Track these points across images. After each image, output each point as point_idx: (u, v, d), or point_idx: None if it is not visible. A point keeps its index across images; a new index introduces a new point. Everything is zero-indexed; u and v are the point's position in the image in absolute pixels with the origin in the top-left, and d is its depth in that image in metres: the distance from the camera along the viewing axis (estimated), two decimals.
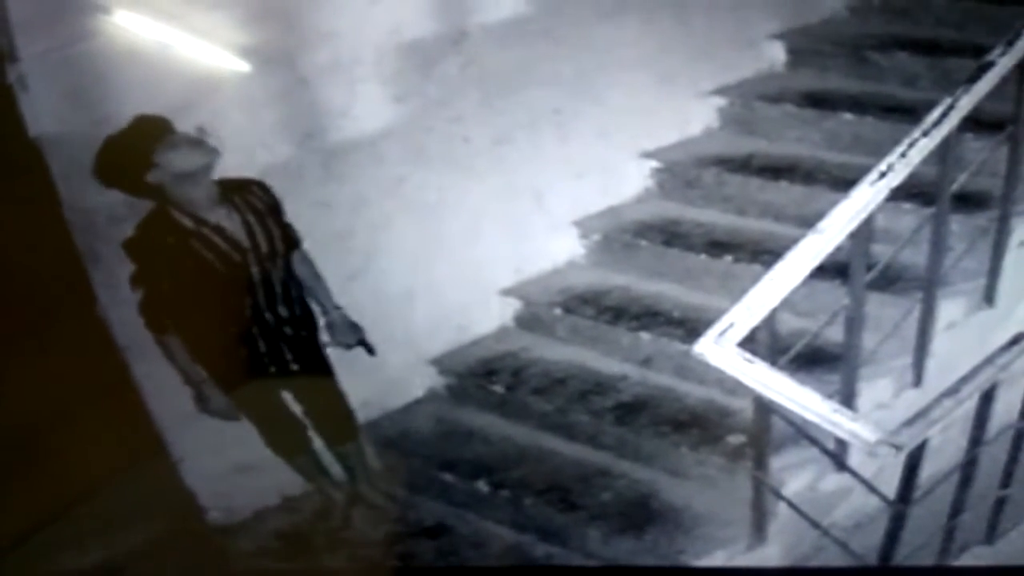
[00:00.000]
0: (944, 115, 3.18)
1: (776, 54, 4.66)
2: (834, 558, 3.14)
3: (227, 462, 3.39)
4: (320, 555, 3.45)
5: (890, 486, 2.91)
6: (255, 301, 3.15)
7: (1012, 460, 3.30)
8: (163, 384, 3.15)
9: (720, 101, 4.56)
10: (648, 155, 4.41)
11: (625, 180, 4.40)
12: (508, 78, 3.94)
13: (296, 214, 3.38)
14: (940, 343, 3.57)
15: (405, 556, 3.48)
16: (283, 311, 3.21)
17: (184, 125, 3.03)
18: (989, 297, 3.69)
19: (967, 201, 3.64)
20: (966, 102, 3.21)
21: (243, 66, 3.30)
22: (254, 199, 3.14)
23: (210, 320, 3.11)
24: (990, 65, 3.24)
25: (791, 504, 3.19)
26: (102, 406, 2.97)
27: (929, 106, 3.25)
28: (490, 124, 3.96)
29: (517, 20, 3.92)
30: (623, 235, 4.20)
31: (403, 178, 3.77)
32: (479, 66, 3.86)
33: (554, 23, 4.00)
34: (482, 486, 3.57)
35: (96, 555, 2.88)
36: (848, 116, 4.29)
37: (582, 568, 3.33)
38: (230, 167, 3.12)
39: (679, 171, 4.36)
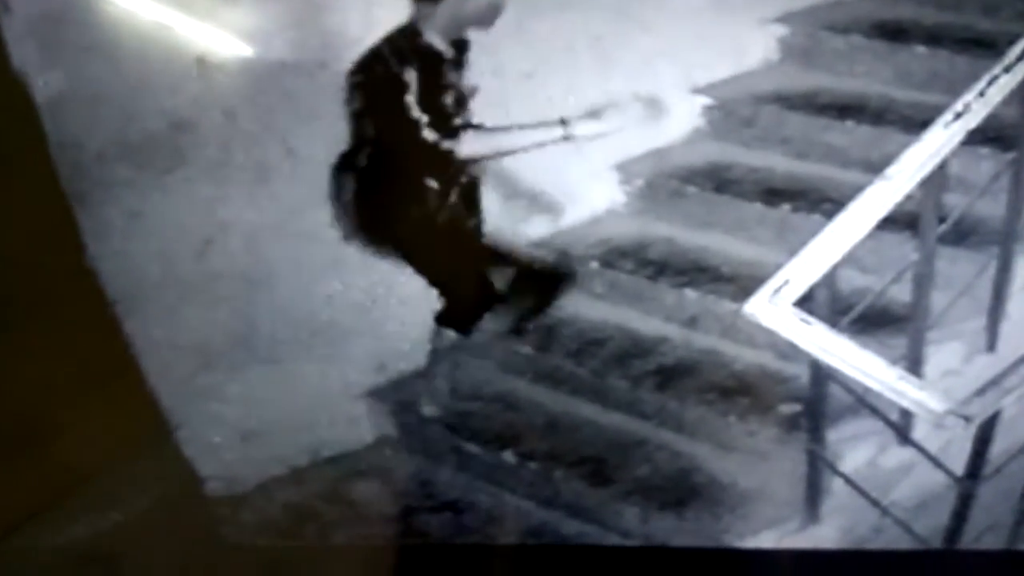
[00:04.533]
0: None
1: None
2: (895, 540, 3.13)
3: (229, 429, 3.45)
4: (329, 531, 3.47)
5: (958, 462, 2.93)
6: None
7: None
8: (158, 344, 3.21)
9: (781, 29, 4.48)
10: (699, 91, 4.36)
11: (673, 118, 4.31)
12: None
13: (309, 152, 3.45)
14: (1017, 304, 3.59)
15: (422, 532, 3.50)
16: None
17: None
18: None
19: None
20: None
21: None
22: None
23: None
24: None
25: (849, 480, 3.20)
26: (93, 371, 3.02)
27: (1012, 39, 3.23)
28: (522, 53, 3.91)
29: None
30: (669, 180, 4.17)
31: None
32: None
33: None
34: (508, 457, 3.59)
35: (88, 529, 2.93)
36: (922, 49, 4.22)
37: (617, 548, 3.35)
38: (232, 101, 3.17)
39: (734, 109, 4.32)
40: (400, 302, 3.76)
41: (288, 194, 3.52)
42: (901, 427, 3.22)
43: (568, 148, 4.01)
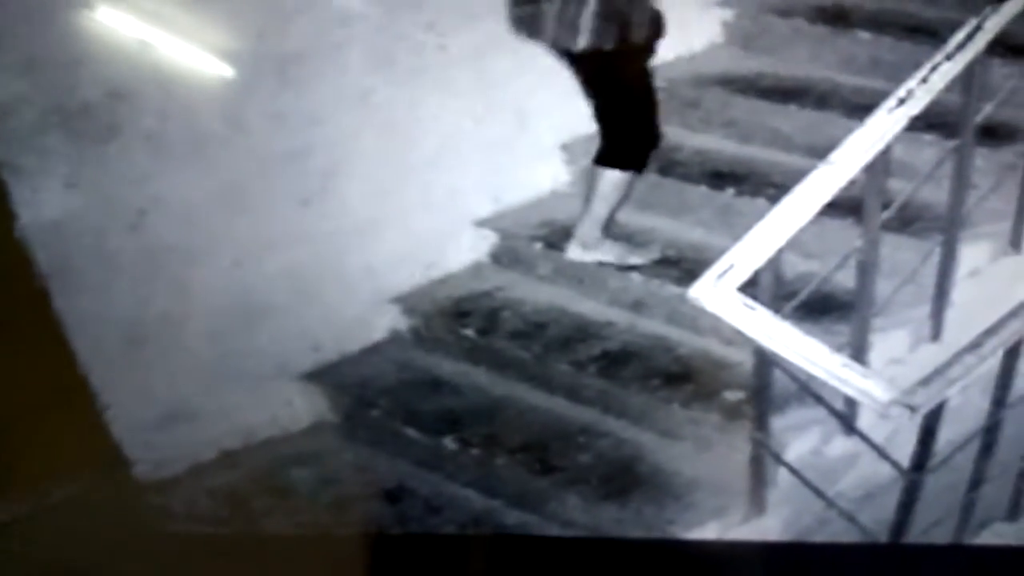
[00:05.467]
0: (970, 37, 3.20)
1: None
2: (840, 532, 3.15)
3: (159, 409, 3.42)
4: (262, 517, 3.46)
5: (904, 453, 2.93)
6: None
7: None
8: (89, 320, 3.17)
9: (726, 13, 4.56)
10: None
11: None
12: None
13: (246, 126, 3.41)
14: (961, 292, 3.60)
15: (359, 521, 3.50)
16: None
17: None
18: (1016, 242, 3.72)
19: (994, 134, 3.67)
20: (994, 23, 3.22)
21: None
22: None
23: None
24: None
25: (793, 470, 3.20)
26: (16, 346, 2.96)
27: (954, 27, 3.26)
28: (469, 31, 3.91)
29: None
30: None
31: (368, 91, 3.75)
32: None
33: None
34: (449, 443, 3.57)
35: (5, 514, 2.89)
36: (865, 35, 4.32)
37: (559, 538, 3.33)
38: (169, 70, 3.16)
39: (678, 91, 4.33)
40: (337, 282, 3.75)
41: (225, 167, 3.48)
42: (846, 416, 3.23)
43: (513, 127, 4.10)
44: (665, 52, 4.26)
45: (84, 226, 3.27)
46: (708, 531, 3.25)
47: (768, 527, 3.28)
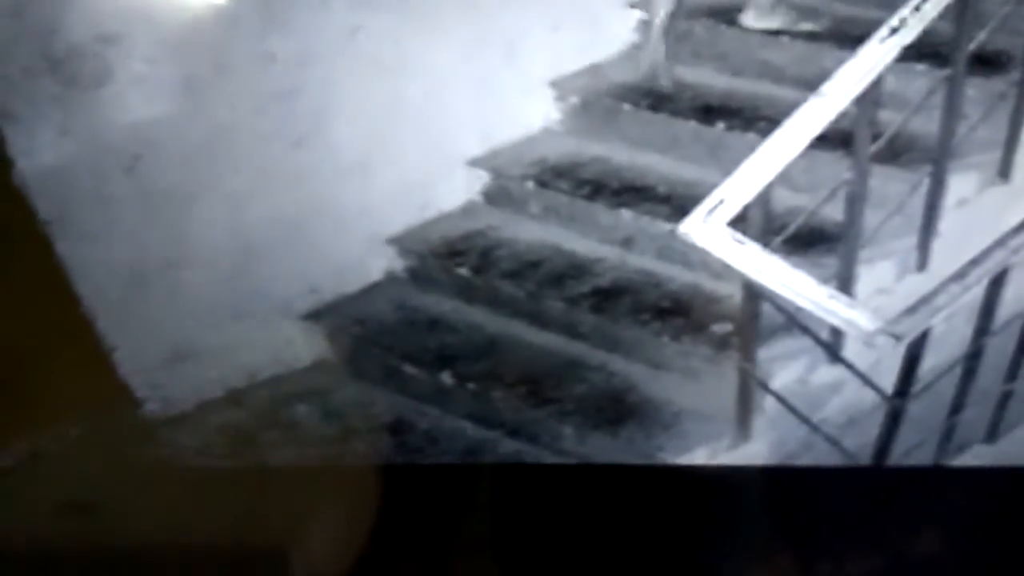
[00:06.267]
0: None
1: None
2: (824, 456, 3.21)
3: (165, 350, 3.48)
4: (268, 450, 3.54)
5: (888, 379, 2.99)
6: None
7: (1020, 352, 3.38)
8: (91, 264, 3.20)
9: None
10: (635, 4, 4.34)
11: (609, 34, 4.36)
12: None
13: (234, 68, 3.41)
14: (949, 222, 3.61)
15: (361, 452, 3.57)
16: None
17: None
18: (1004, 171, 3.71)
19: (986, 63, 3.64)
20: None
21: None
22: None
23: None
24: None
25: (779, 398, 3.26)
26: (22, 291, 3.00)
27: None
28: None
29: None
30: (604, 98, 4.19)
31: (356, 28, 3.71)
32: None
33: None
34: (446, 378, 3.62)
35: (22, 451, 2.97)
36: None
37: (553, 465, 3.41)
38: (156, 12, 3.19)
39: (668, 23, 4.25)
40: (332, 223, 3.78)
41: (216, 110, 3.48)
42: (831, 346, 3.28)
43: (502, 63, 4.07)
44: None
45: (81, 172, 3.27)
46: (697, 457, 3.31)
47: (754, 452, 3.33)
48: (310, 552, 2.63)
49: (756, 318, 3.19)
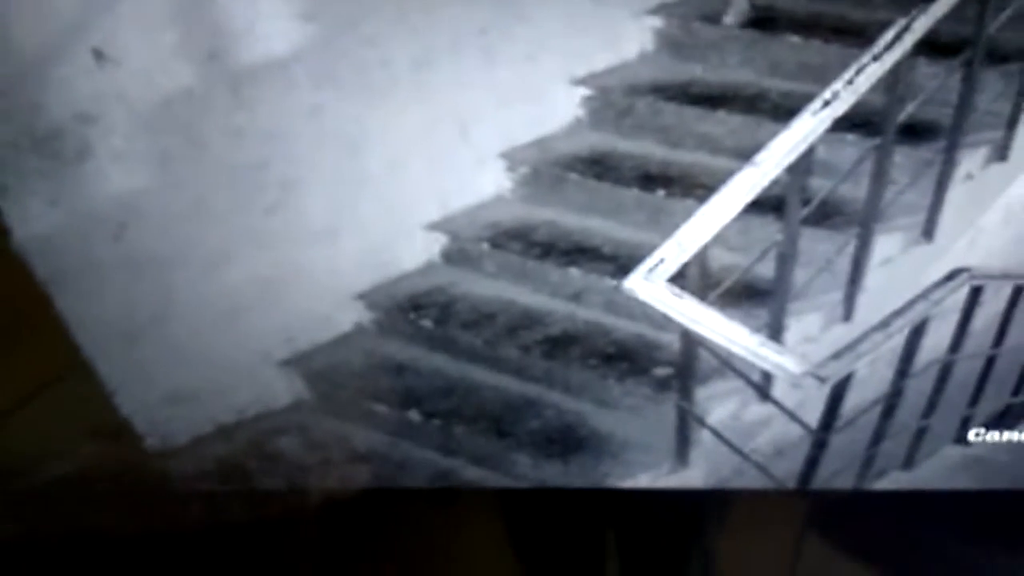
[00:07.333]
0: (898, 37, 3.26)
1: None
2: (754, 481, 3.32)
3: (160, 393, 3.61)
4: (257, 479, 3.66)
5: (813, 414, 3.13)
6: None
7: (936, 392, 3.52)
8: (88, 320, 3.32)
9: (657, 21, 4.62)
10: (579, 82, 4.53)
11: (555, 109, 4.54)
12: None
13: (206, 143, 3.53)
14: (874, 278, 3.75)
15: (337, 479, 3.70)
16: None
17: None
18: (928, 232, 3.85)
19: (914, 132, 3.77)
20: (922, 23, 3.30)
21: None
22: None
23: None
24: None
25: (714, 431, 3.37)
26: (29, 343, 3.15)
27: (882, 27, 3.32)
28: (409, 46, 3.97)
29: None
30: (552, 168, 4.32)
31: (319, 107, 3.83)
32: None
33: None
34: (414, 415, 3.76)
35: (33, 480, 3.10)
36: (794, 39, 4.36)
37: (511, 489, 3.53)
38: (130, 93, 3.31)
39: (611, 99, 4.48)
40: (304, 282, 3.93)
41: (192, 181, 3.60)
42: (762, 387, 3.39)
43: (455, 138, 4.22)
44: (599, 60, 4.54)
45: (72, 239, 3.35)
46: (640, 481, 3.45)
47: (691, 477, 3.47)
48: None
49: (693, 363, 3.29)
